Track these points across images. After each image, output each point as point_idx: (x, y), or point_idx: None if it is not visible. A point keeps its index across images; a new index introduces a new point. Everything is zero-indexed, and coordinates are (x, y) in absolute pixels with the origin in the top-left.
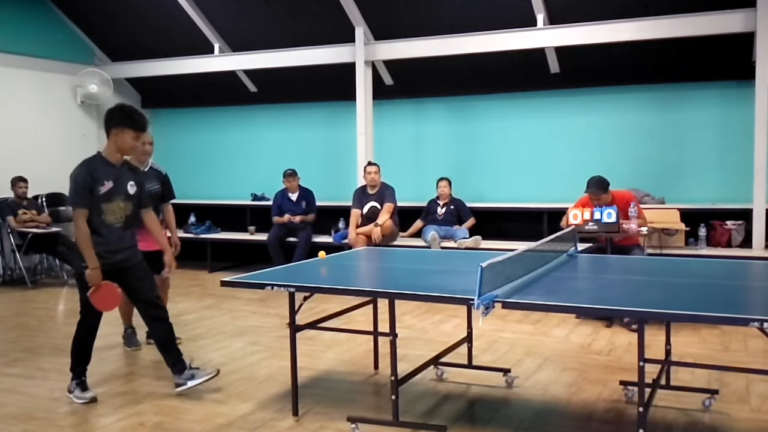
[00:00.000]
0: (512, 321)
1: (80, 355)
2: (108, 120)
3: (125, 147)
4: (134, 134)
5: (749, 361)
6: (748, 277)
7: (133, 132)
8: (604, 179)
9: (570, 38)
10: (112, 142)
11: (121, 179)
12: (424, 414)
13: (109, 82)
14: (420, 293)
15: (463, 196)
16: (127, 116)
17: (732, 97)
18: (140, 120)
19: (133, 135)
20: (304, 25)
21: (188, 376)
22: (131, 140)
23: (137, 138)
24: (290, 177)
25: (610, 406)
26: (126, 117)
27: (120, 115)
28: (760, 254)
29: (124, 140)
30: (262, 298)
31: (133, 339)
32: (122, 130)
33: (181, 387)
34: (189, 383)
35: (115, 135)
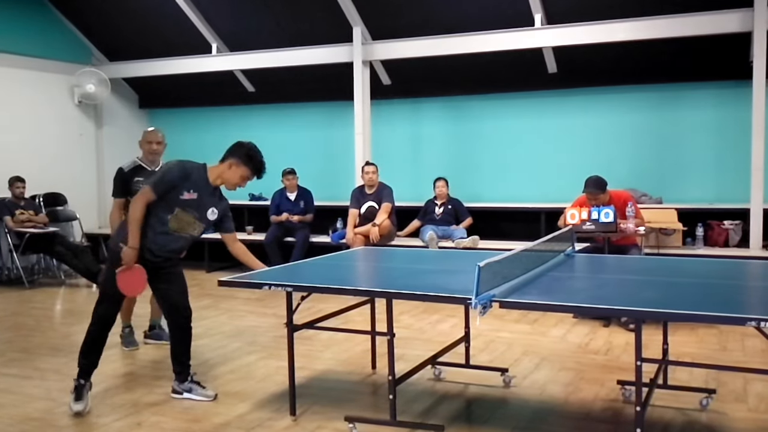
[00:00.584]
0: (510, 321)
1: (91, 350)
2: (235, 149)
3: (227, 179)
4: (247, 174)
5: (746, 360)
6: (745, 277)
7: (248, 172)
8: (601, 179)
9: (567, 38)
10: (223, 167)
11: (206, 199)
12: (421, 413)
13: (107, 82)
14: (418, 293)
15: (461, 196)
16: (251, 157)
17: (729, 97)
18: (260, 167)
19: (244, 175)
20: (301, 24)
21: (186, 389)
22: (237, 178)
23: (244, 180)
24: (289, 175)
25: (607, 405)
26: (250, 158)
27: (247, 154)
28: (757, 254)
29: (233, 173)
30: (259, 297)
31: (130, 339)
32: (239, 165)
33: (176, 394)
34: (185, 395)
35: (230, 165)
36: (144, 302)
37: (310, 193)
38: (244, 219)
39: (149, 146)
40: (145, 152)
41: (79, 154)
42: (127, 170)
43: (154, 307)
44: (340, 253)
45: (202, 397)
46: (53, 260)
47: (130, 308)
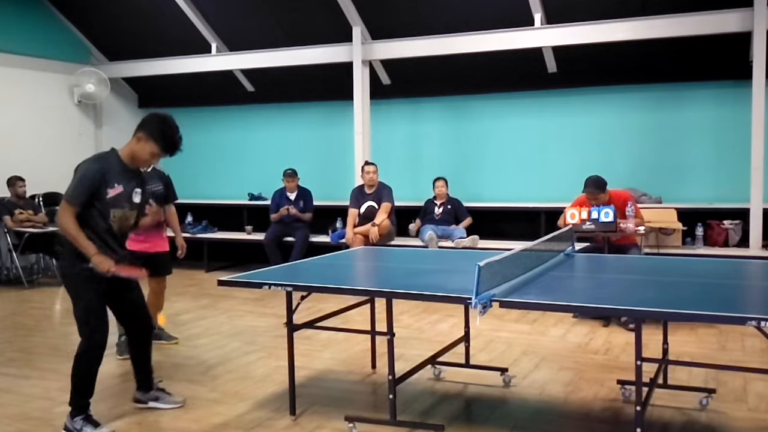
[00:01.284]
0: (509, 320)
1: (85, 386)
2: (146, 122)
3: (136, 156)
4: (156, 151)
5: (746, 360)
6: (744, 277)
7: (157, 149)
8: (601, 179)
9: (567, 38)
10: (132, 143)
11: (130, 185)
12: (421, 413)
13: (106, 81)
14: (417, 292)
15: (461, 196)
16: (162, 132)
17: (729, 96)
18: (170, 145)
19: (153, 151)
20: (301, 24)
21: (152, 397)
22: (146, 154)
23: (154, 156)
24: (290, 177)
25: (607, 405)
26: (161, 133)
27: (158, 127)
28: (756, 253)
29: (142, 148)
30: (259, 297)
31: (125, 347)
32: (147, 140)
33: (138, 403)
34: (151, 404)
35: (138, 139)
36: None
37: (309, 193)
38: (243, 219)
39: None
40: None
41: (79, 153)
42: None
43: (153, 310)
44: (340, 253)
45: (170, 404)
46: (52, 260)
47: None
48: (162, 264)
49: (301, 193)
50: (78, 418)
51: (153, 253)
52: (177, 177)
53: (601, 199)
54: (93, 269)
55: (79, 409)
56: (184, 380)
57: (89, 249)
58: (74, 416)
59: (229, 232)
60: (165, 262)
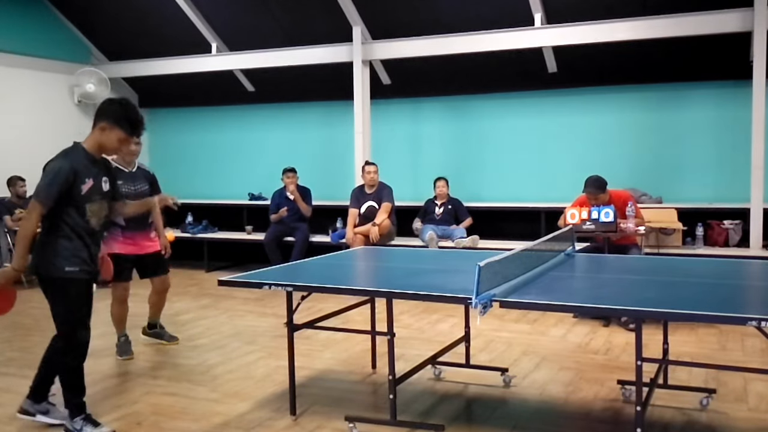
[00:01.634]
0: (510, 320)
1: (76, 384)
2: (104, 109)
3: (104, 146)
4: (123, 137)
5: (746, 360)
6: (745, 277)
7: (123, 134)
8: (601, 179)
9: (567, 38)
10: (96, 134)
11: (99, 176)
12: (421, 413)
13: (106, 81)
14: (417, 292)
15: (461, 196)
16: (124, 116)
17: (729, 96)
18: (135, 125)
19: (121, 137)
20: (301, 24)
21: (42, 409)
22: (115, 142)
23: (123, 142)
24: (290, 173)
25: (607, 405)
26: (123, 116)
27: (118, 112)
28: (757, 253)
29: (108, 137)
30: (259, 297)
31: (125, 347)
32: (112, 127)
33: (24, 414)
34: (38, 416)
35: (102, 128)
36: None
37: (309, 192)
38: (243, 219)
39: (128, 147)
40: (123, 153)
41: None
42: None
43: (154, 309)
44: (340, 253)
45: (59, 419)
46: None
47: (123, 317)
48: (159, 263)
49: (300, 192)
50: (78, 418)
51: (146, 254)
52: (177, 177)
53: (601, 199)
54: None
55: (78, 408)
56: (185, 380)
57: (21, 261)
58: (73, 417)
59: (229, 232)
60: (161, 260)
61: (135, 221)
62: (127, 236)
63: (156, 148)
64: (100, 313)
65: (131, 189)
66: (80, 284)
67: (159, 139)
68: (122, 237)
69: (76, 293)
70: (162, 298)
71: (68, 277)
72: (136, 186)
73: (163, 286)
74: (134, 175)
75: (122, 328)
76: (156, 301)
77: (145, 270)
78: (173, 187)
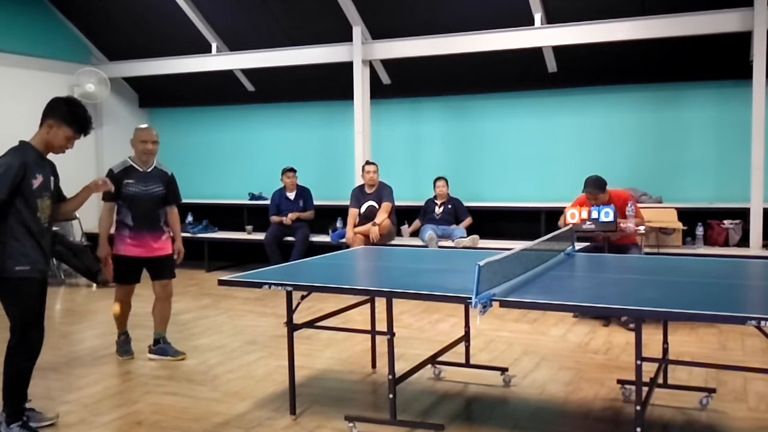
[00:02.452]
0: (510, 320)
1: (21, 387)
2: (52, 107)
3: (51, 144)
4: (70, 135)
5: (746, 359)
6: (745, 276)
7: (71, 132)
8: (601, 179)
9: (567, 37)
10: (42, 132)
11: (47, 174)
12: (421, 413)
13: (106, 81)
14: (418, 292)
15: (461, 196)
16: (71, 114)
17: (729, 96)
18: (84, 123)
19: (68, 135)
20: (301, 24)
21: None
22: (62, 140)
23: (69, 140)
24: (289, 173)
25: (607, 404)
26: (70, 115)
27: (65, 111)
28: (757, 253)
29: (55, 135)
30: (259, 297)
31: (126, 347)
32: (60, 125)
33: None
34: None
35: (50, 126)
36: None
37: (309, 192)
38: (243, 219)
39: (143, 146)
40: (138, 152)
41: (79, 153)
42: (117, 171)
43: (158, 320)
44: (340, 253)
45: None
46: (53, 260)
47: (125, 316)
48: (164, 267)
49: (300, 193)
50: (15, 425)
51: (153, 257)
52: (177, 177)
53: (600, 199)
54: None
55: (15, 414)
56: (185, 380)
57: None
58: (10, 423)
59: (229, 232)
60: (167, 264)
61: (143, 221)
62: (134, 237)
63: None
64: (99, 313)
65: (141, 189)
66: (32, 284)
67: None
68: (129, 238)
69: (28, 293)
70: (165, 307)
71: (18, 277)
72: (147, 186)
73: (165, 293)
74: (148, 175)
75: (122, 326)
76: (159, 309)
77: (151, 273)
78: None
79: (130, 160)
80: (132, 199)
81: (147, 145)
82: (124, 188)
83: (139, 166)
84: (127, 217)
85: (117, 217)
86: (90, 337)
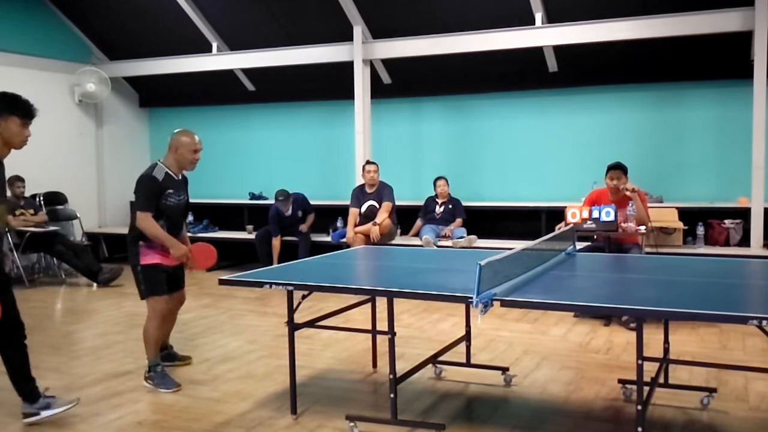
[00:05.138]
0: (510, 320)
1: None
2: None
3: (10, 140)
4: (21, 122)
5: (747, 359)
6: (746, 276)
7: (20, 120)
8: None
9: (568, 37)
10: None
11: (2, 177)
12: (422, 412)
13: (107, 80)
14: (418, 292)
15: (461, 195)
16: (12, 103)
17: (730, 95)
18: (28, 107)
19: (19, 122)
20: (302, 23)
21: (43, 405)
22: (17, 130)
23: (24, 128)
24: (283, 202)
25: (608, 404)
26: (11, 104)
27: (5, 102)
28: (758, 253)
29: (9, 129)
30: (259, 296)
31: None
32: (8, 118)
33: (29, 417)
34: (43, 414)
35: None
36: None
37: (304, 199)
38: (244, 218)
39: (193, 155)
40: (183, 161)
41: (80, 153)
42: (162, 180)
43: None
44: (341, 252)
45: (64, 406)
46: (53, 259)
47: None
48: (182, 275)
49: (296, 205)
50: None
51: (175, 266)
52: None
53: (623, 180)
54: None
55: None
56: (185, 379)
57: None
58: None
59: (230, 232)
60: (183, 273)
61: (174, 231)
62: (164, 248)
63: (156, 147)
64: (100, 313)
65: (176, 199)
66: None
67: (159, 139)
68: (160, 248)
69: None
70: (175, 314)
71: None
72: (180, 195)
73: (181, 301)
74: (179, 183)
75: (155, 352)
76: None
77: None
78: None
79: (165, 167)
80: (171, 211)
81: (197, 155)
82: (166, 199)
83: (174, 174)
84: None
85: None
86: (90, 336)
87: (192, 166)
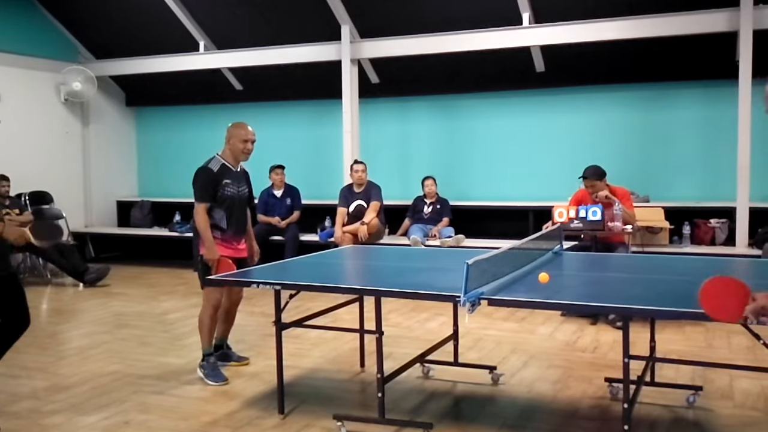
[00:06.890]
0: (498, 318)
1: None
2: None
3: None
4: None
5: (732, 357)
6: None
7: None
8: (600, 168)
9: (555, 37)
10: None
11: None
12: (410, 411)
13: (93, 79)
14: (406, 291)
15: (449, 195)
16: None
17: (715, 96)
18: None
19: None
20: (289, 23)
21: None
22: None
23: None
24: (277, 170)
25: (595, 402)
26: None
27: None
28: (743, 252)
29: None
30: (247, 296)
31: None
32: None
33: None
34: None
35: None
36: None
37: (297, 191)
38: None
39: (245, 145)
40: (236, 151)
41: (66, 152)
42: (217, 171)
43: (225, 327)
44: (329, 252)
45: None
46: (39, 259)
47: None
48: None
49: (288, 191)
50: None
51: (236, 259)
52: (165, 176)
53: (597, 187)
54: None
55: None
56: (173, 379)
57: None
58: None
59: None
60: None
61: (236, 224)
62: (225, 240)
63: (143, 146)
64: (86, 313)
65: (236, 190)
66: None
67: (146, 138)
68: (221, 240)
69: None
70: (233, 312)
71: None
72: (240, 187)
73: (238, 296)
74: (238, 175)
75: (208, 341)
76: (226, 315)
77: None
78: (161, 185)
79: (221, 158)
80: (231, 201)
81: (248, 145)
82: (223, 189)
83: (231, 166)
84: (222, 220)
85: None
86: (77, 336)
87: (245, 156)
